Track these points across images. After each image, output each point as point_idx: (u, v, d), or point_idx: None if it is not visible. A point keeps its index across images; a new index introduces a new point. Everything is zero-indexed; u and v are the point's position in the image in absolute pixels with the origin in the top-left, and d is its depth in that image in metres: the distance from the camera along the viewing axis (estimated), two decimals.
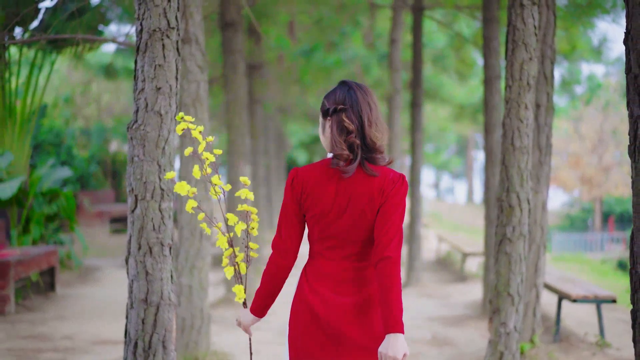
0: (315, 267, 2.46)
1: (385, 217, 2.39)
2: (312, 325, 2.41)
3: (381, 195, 2.40)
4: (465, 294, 8.86)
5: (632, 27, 2.39)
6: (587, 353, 5.67)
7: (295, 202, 2.43)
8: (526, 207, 4.09)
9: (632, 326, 2.46)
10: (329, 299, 2.41)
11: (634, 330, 2.46)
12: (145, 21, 3.09)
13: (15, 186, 8.19)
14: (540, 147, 5.39)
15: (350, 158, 2.39)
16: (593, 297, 5.86)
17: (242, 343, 6.03)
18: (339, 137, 2.39)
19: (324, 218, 2.41)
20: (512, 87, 4.01)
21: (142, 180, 3.09)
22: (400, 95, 10.27)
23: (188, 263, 5.07)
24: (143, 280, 3.10)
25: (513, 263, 4.09)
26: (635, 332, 2.46)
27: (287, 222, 2.45)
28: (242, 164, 7.83)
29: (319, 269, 2.45)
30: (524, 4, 3.95)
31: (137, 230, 3.10)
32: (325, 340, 2.40)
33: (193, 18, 4.87)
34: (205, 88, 5.08)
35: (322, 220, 2.42)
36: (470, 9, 9.04)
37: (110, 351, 5.70)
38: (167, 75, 3.11)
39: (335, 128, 2.40)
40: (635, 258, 2.41)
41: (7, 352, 5.57)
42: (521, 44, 3.97)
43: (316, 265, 2.46)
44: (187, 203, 2.57)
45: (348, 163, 2.39)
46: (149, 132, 3.09)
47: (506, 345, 4.09)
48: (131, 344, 3.12)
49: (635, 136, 2.39)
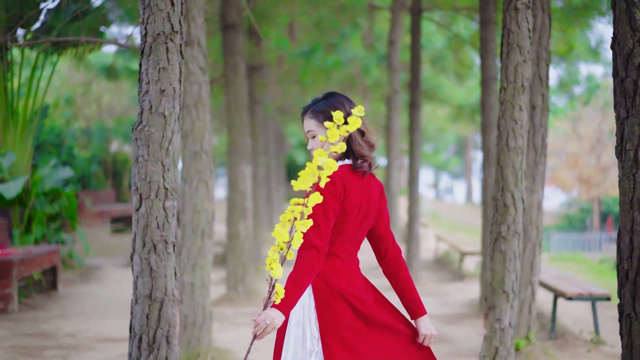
0: (334, 267, 2.56)
1: (385, 213, 2.68)
2: (358, 322, 2.52)
3: (382, 195, 2.65)
4: (463, 292, 8.96)
5: (619, 32, 2.49)
6: (582, 350, 5.76)
7: (338, 202, 2.51)
8: (520, 206, 4.18)
9: (619, 319, 2.56)
10: (361, 295, 2.56)
11: (620, 323, 2.56)
12: (149, 25, 3.18)
13: (20, 186, 8.28)
14: (535, 147, 5.49)
15: (372, 161, 2.59)
16: (588, 295, 5.95)
17: (243, 340, 6.13)
18: (362, 140, 2.56)
19: (355, 219, 2.55)
20: (507, 89, 4.10)
21: (146, 179, 3.17)
22: (399, 96, 10.38)
23: (190, 261, 5.16)
24: (147, 276, 3.19)
25: (508, 261, 4.19)
26: (622, 325, 2.55)
27: (328, 222, 2.49)
28: (243, 164, 7.93)
29: (339, 270, 2.56)
30: (518, 7, 4.04)
31: (142, 228, 3.19)
32: (375, 332, 2.55)
33: (195, 21, 4.96)
34: (206, 89, 5.18)
35: (351, 221, 2.55)
36: (468, 10, 9.13)
37: (113, 348, 5.80)
38: (171, 77, 3.20)
39: (357, 131, 2.56)
40: (621, 254, 2.52)
41: (12, 349, 5.66)
42: (515, 46, 4.06)
43: (334, 265, 2.56)
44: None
45: (370, 166, 2.59)
46: (153, 133, 3.18)
47: (501, 340, 4.18)
48: (136, 338, 3.21)
49: (622, 137, 2.49)
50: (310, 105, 2.64)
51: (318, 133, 2.57)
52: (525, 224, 5.52)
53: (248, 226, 8.13)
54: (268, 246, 14.06)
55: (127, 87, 17.48)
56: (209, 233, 5.20)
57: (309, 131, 2.60)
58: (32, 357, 5.44)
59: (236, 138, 7.87)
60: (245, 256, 8.04)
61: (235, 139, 7.88)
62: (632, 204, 2.48)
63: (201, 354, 4.99)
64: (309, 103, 2.67)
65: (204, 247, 5.19)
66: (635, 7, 2.43)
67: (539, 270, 5.63)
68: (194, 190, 5.17)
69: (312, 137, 2.59)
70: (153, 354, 3.19)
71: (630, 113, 2.46)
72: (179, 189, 6.29)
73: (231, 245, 8.05)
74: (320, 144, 2.52)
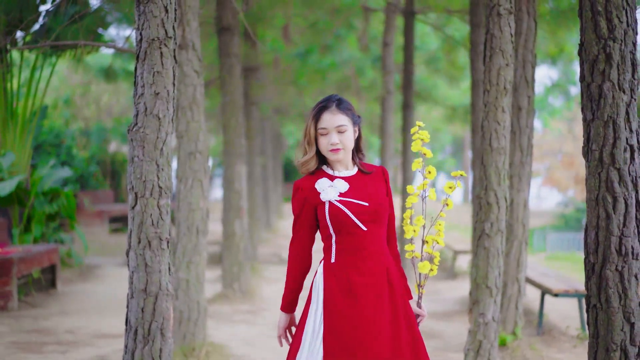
0: None
1: None
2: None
3: None
4: (455, 289, 9.12)
5: (585, 39, 2.64)
6: (567, 345, 5.92)
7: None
8: (503, 204, 4.33)
9: (587, 310, 2.72)
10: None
11: (587, 314, 2.72)
12: (144, 31, 3.33)
13: (14, 184, 8.41)
14: (521, 147, 5.65)
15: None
16: (574, 292, 6.11)
17: (237, 336, 6.28)
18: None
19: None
20: (490, 91, 4.25)
21: (141, 179, 3.32)
22: (392, 97, 10.53)
23: (185, 258, 5.30)
24: (142, 271, 3.34)
25: (491, 257, 4.34)
26: (589, 315, 2.71)
27: None
28: (239, 164, 8.08)
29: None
30: (500, 13, 4.19)
31: (137, 226, 3.34)
32: None
33: (190, 25, 5.11)
34: (201, 91, 5.33)
35: None
36: (460, 13, 9.28)
37: (111, 344, 5.94)
38: (165, 81, 3.35)
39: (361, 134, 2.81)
40: (588, 249, 2.67)
41: (13, 345, 5.80)
42: (498, 50, 4.21)
43: None
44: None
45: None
46: (148, 135, 3.33)
47: (485, 334, 4.33)
48: (131, 331, 3.35)
49: (588, 138, 2.65)
50: (334, 102, 2.72)
51: (348, 129, 2.70)
52: (512, 222, 5.68)
53: (243, 225, 8.28)
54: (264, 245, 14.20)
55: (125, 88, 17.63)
56: (204, 231, 5.34)
57: (340, 125, 2.68)
58: (32, 353, 5.58)
59: (232, 138, 8.02)
60: (240, 255, 8.18)
61: (230, 140, 8.02)
62: (598, 201, 2.63)
63: (196, 348, 5.14)
64: (330, 100, 2.74)
65: (199, 244, 5.34)
66: (600, 16, 2.58)
67: (525, 267, 5.78)
68: (188, 189, 5.32)
69: (341, 132, 2.68)
70: (148, 345, 3.34)
71: (596, 115, 2.62)
72: (174, 188, 6.44)
73: (227, 244, 8.20)
74: (351, 138, 2.70)
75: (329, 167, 2.77)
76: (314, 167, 2.74)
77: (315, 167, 2.74)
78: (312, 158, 2.71)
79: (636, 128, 2.59)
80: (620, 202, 2.59)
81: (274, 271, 10.82)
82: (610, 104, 2.58)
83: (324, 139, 2.69)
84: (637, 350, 2.64)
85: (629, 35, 2.57)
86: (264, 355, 5.61)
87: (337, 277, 2.64)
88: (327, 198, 2.67)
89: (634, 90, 2.59)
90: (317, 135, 2.70)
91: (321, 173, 2.75)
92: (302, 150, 2.75)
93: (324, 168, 2.77)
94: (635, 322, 2.62)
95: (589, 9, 2.60)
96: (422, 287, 2.74)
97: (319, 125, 2.69)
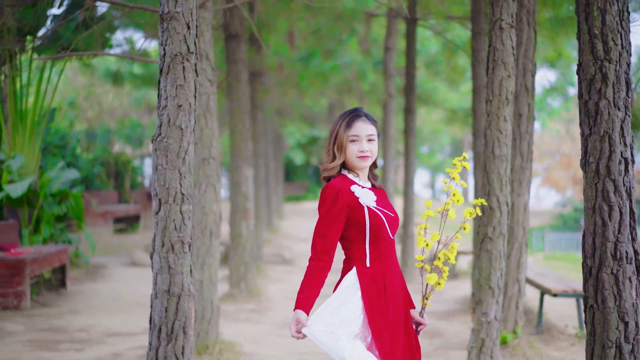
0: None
1: None
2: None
3: None
4: (456, 289, 9.32)
5: (583, 60, 2.85)
6: (566, 344, 6.13)
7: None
8: (505, 209, 4.54)
9: (584, 310, 2.93)
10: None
11: (585, 313, 2.93)
12: (167, 47, 3.52)
13: (25, 186, 8.60)
14: (522, 153, 5.86)
15: None
16: (572, 292, 6.32)
17: (245, 334, 6.49)
18: None
19: None
20: (493, 101, 4.46)
21: (165, 186, 3.52)
22: (394, 101, 10.73)
23: (199, 260, 5.50)
24: (166, 273, 3.54)
25: (494, 259, 4.55)
26: (586, 315, 2.92)
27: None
28: (245, 167, 8.28)
29: None
30: (502, 27, 4.39)
31: (161, 230, 3.54)
32: None
33: (204, 36, 5.31)
34: (214, 100, 5.52)
35: None
36: (461, 19, 9.48)
37: (123, 342, 6.14)
38: (187, 94, 3.55)
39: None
40: (585, 254, 2.88)
41: (29, 343, 6.00)
42: (500, 62, 4.41)
43: None
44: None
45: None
46: (171, 144, 3.52)
47: (487, 333, 4.54)
48: (155, 329, 3.56)
49: (586, 152, 2.86)
50: (364, 113, 2.86)
51: (375, 140, 2.83)
52: (513, 224, 5.90)
53: (250, 226, 8.48)
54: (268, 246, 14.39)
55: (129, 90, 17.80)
56: (216, 233, 5.54)
57: (371, 135, 2.81)
58: (48, 351, 5.78)
59: (239, 142, 8.22)
60: (247, 255, 8.39)
61: (237, 143, 8.22)
62: (595, 209, 2.84)
63: (209, 346, 5.34)
64: (359, 110, 2.87)
65: (212, 246, 5.54)
66: (597, 39, 2.79)
67: (525, 268, 5.99)
68: (202, 194, 5.52)
69: (371, 141, 2.80)
70: (171, 343, 3.55)
71: (593, 131, 2.83)
72: None
73: (234, 245, 8.40)
74: (376, 150, 2.83)
75: (351, 174, 2.83)
76: (336, 173, 2.83)
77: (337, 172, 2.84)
78: (339, 164, 2.80)
79: (630, 142, 2.81)
80: (615, 211, 2.81)
81: (278, 271, 11.03)
82: (606, 120, 2.79)
83: (354, 145, 2.78)
84: (631, 347, 2.85)
85: (623, 56, 2.79)
86: (271, 353, 5.82)
87: (377, 282, 2.72)
88: (366, 203, 2.74)
89: (628, 107, 2.81)
90: (347, 141, 2.79)
91: (347, 179, 2.81)
92: (329, 155, 2.82)
93: (346, 174, 2.84)
94: (629, 321, 2.84)
95: (587, 32, 2.81)
96: (427, 299, 2.81)
97: (351, 132, 2.78)
